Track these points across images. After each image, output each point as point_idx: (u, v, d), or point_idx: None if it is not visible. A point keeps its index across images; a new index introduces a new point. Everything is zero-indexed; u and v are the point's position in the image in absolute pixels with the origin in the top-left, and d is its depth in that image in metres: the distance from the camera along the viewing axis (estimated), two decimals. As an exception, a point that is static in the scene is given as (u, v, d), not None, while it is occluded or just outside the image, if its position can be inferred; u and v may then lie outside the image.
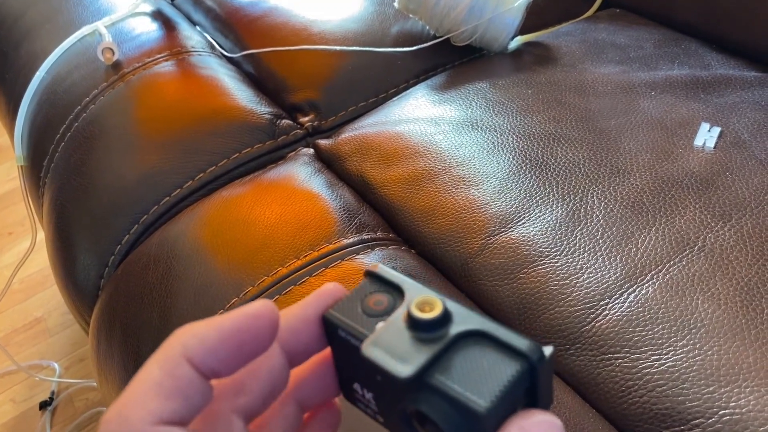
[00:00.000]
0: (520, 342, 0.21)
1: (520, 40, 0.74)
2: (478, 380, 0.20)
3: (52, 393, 1.09)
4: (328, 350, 0.25)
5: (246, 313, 0.22)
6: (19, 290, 1.25)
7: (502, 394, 0.20)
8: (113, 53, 0.74)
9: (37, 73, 0.78)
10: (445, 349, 0.21)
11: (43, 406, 1.08)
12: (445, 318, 0.22)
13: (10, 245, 1.36)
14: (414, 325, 0.22)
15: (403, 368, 0.21)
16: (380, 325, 0.22)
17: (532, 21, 0.74)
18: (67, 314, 1.23)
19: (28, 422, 1.07)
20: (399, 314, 0.22)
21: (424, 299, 0.22)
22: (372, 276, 0.24)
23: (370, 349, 0.21)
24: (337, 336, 0.23)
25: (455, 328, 0.22)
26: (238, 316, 0.22)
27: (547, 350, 0.21)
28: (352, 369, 0.24)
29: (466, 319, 0.22)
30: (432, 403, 0.20)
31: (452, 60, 0.74)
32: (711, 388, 0.40)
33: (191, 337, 0.21)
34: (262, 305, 0.22)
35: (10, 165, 1.55)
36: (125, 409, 0.20)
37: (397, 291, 0.24)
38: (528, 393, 0.21)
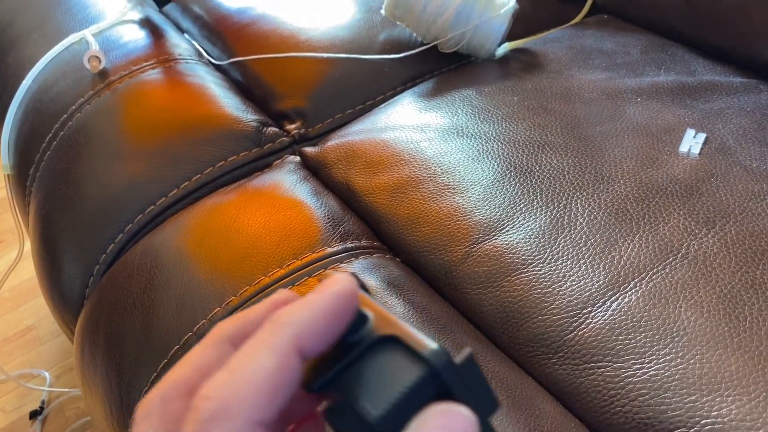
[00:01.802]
0: (424, 348, 0.20)
1: (507, 46, 0.74)
2: (379, 389, 0.20)
3: (43, 402, 1.09)
4: None
5: (339, 293, 0.21)
6: (9, 299, 1.24)
7: (397, 402, 0.20)
8: (100, 61, 0.74)
9: (24, 81, 0.78)
10: (359, 356, 0.21)
11: (34, 415, 1.07)
12: (360, 323, 0.22)
13: (0, 253, 1.35)
14: None
15: (312, 381, 0.21)
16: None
17: (519, 27, 0.75)
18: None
19: (18, 431, 1.06)
20: None
21: None
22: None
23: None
24: None
25: (373, 333, 0.22)
26: (334, 296, 0.21)
27: (462, 354, 0.21)
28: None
29: (382, 324, 0.22)
30: (337, 411, 0.21)
31: (439, 67, 0.74)
32: (693, 397, 0.40)
33: (303, 325, 0.20)
34: (347, 284, 0.22)
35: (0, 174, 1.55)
36: (228, 401, 0.18)
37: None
38: (441, 396, 0.20)
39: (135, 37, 0.80)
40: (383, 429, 0.19)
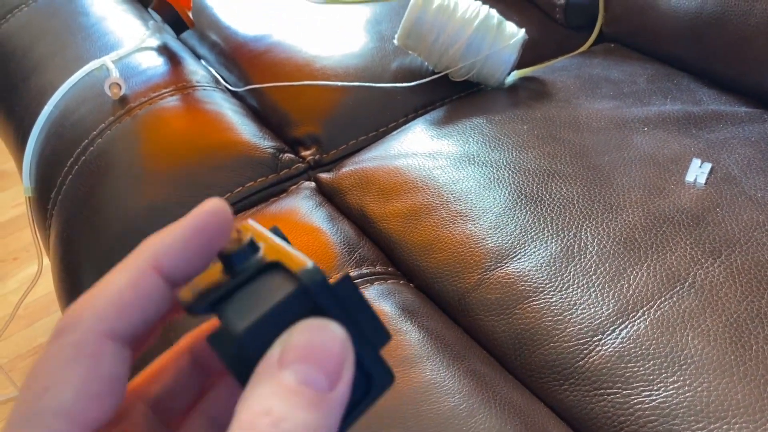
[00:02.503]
0: (299, 266, 0.20)
1: (516, 75, 0.76)
2: (251, 306, 0.20)
3: (55, 419, 1.10)
4: None
5: (204, 211, 0.22)
6: (23, 316, 1.26)
7: (263, 317, 0.19)
8: (120, 88, 0.76)
9: (46, 106, 0.80)
10: (244, 282, 0.21)
11: (46, 432, 1.08)
12: (248, 251, 0.22)
13: (15, 271, 1.37)
14: (225, 260, 0.22)
15: (192, 303, 0.21)
16: (211, 268, 0.23)
17: (528, 55, 0.76)
18: (70, 340, 1.24)
19: (30, 449, 1.07)
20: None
21: (237, 235, 0.22)
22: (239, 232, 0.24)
23: (184, 292, 0.22)
24: None
25: (262, 260, 0.22)
26: (198, 215, 0.22)
27: (337, 275, 0.21)
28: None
29: (272, 251, 0.22)
30: (217, 335, 0.20)
31: (450, 95, 0.76)
32: (701, 424, 0.41)
33: (160, 245, 0.21)
34: (215, 202, 0.22)
35: (15, 191, 1.57)
36: (79, 314, 0.19)
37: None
38: (312, 315, 0.20)
39: (153, 63, 0.82)
40: (248, 343, 0.19)
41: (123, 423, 0.22)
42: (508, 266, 0.53)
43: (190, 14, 0.83)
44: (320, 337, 0.19)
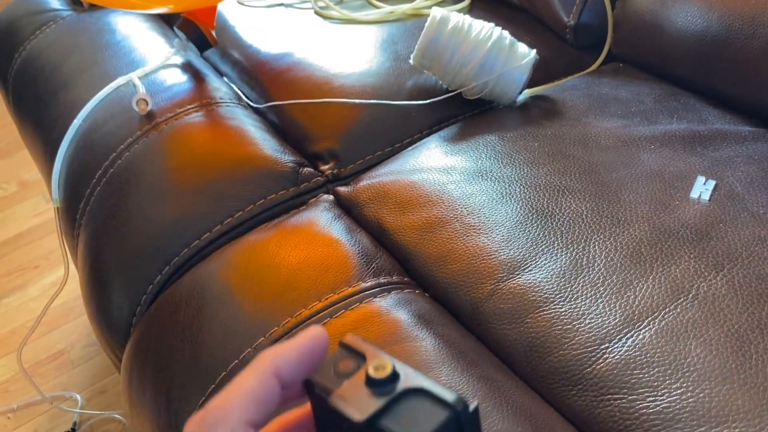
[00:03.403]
0: (449, 396, 0.27)
1: (527, 93, 0.79)
2: (415, 424, 0.26)
3: (74, 424, 1.13)
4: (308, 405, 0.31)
5: (312, 336, 0.28)
6: (43, 323, 1.29)
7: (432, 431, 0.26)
8: (147, 104, 0.80)
9: (75, 120, 0.84)
10: (393, 401, 0.28)
11: (66, 436, 1.11)
12: (394, 376, 0.28)
13: (36, 278, 1.41)
14: (370, 382, 0.28)
15: (358, 414, 0.27)
16: (345, 383, 0.29)
17: (539, 73, 0.79)
18: (89, 347, 1.27)
19: (50, 452, 1.10)
20: (360, 374, 0.29)
21: (379, 363, 0.29)
22: (344, 346, 0.31)
23: (336, 400, 0.28)
24: (314, 393, 0.30)
25: (402, 385, 0.28)
26: (307, 339, 0.28)
27: (472, 404, 0.27)
28: (326, 420, 0.30)
29: (410, 377, 0.28)
30: None
31: (463, 112, 0.79)
32: (703, 429, 0.44)
33: (281, 357, 0.27)
34: (318, 330, 0.29)
35: (36, 201, 1.61)
36: (225, 407, 0.24)
37: (361, 357, 0.30)
38: None
39: (178, 80, 0.86)
40: None
41: None
42: (519, 277, 0.55)
43: (214, 33, 0.87)
44: None
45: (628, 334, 0.49)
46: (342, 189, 0.72)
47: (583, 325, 0.51)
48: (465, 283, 0.57)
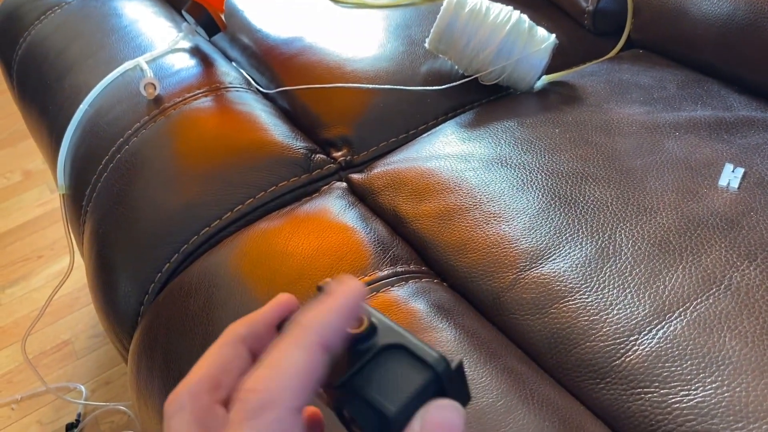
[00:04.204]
0: (430, 355, 0.25)
1: (546, 79, 0.77)
2: (392, 387, 0.25)
3: (79, 415, 1.11)
4: None
5: (352, 292, 0.26)
6: (47, 313, 1.28)
7: (408, 399, 0.24)
8: (155, 88, 0.78)
9: (82, 104, 0.82)
10: (371, 359, 0.26)
11: (70, 428, 1.10)
12: (371, 332, 0.26)
13: (39, 269, 1.39)
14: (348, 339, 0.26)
15: (339, 380, 0.25)
16: None
17: (556, 60, 0.77)
18: (93, 337, 1.25)
19: (54, 444, 1.09)
20: None
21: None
22: (322, 290, 0.29)
23: None
24: None
25: (381, 340, 0.26)
26: (348, 295, 0.26)
27: (454, 362, 0.25)
28: None
29: (389, 333, 0.26)
30: (355, 405, 0.25)
31: (480, 98, 0.77)
32: (740, 424, 0.42)
33: (327, 325, 0.24)
34: (356, 284, 0.26)
35: (40, 190, 1.59)
36: (272, 390, 0.22)
37: None
38: (438, 396, 0.25)
39: (186, 65, 0.84)
40: (397, 419, 0.24)
41: None
42: (542, 267, 0.53)
43: (223, 17, 0.85)
44: (449, 416, 0.24)
45: (659, 326, 0.47)
46: (355, 176, 0.70)
47: (610, 315, 0.49)
48: (485, 272, 0.55)
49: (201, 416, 0.24)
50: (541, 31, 0.74)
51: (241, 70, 0.86)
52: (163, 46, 0.86)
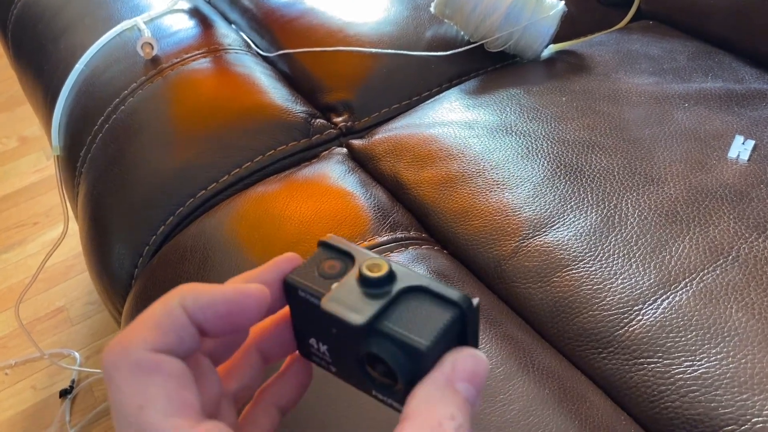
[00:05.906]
0: (453, 293, 0.25)
1: (553, 48, 0.75)
2: (420, 324, 0.24)
3: (73, 381, 1.11)
4: (286, 309, 0.28)
5: (240, 290, 0.25)
6: (42, 279, 1.27)
7: (439, 334, 0.24)
8: (152, 48, 0.76)
9: (77, 65, 0.80)
10: (392, 301, 0.25)
11: (63, 394, 1.09)
12: (391, 276, 0.26)
13: (35, 235, 1.38)
14: (365, 283, 0.25)
15: (357, 317, 0.24)
16: (335, 285, 0.26)
17: (564, 30, 0.75)
18: (88, 304, 1.25)
19: (48, 409, 1.08)
20: (351, 275, 0.26)
21: (372, 262, 0.26)
22: (325, 245, 0.28)
23: (329, 304, 0.25)
24: (296, 296, 0.27)
25: (399, 285, 0.25)
26: (234, 289, 0.25)
27: (475, 301, 0.25)
28: (309, 325, 0.27)
29: (408, 276, 0.26)
30: (382, 345, 0.24)
31: (485, 66, 0.75)
32: (744, 396, 0.41)
33: (189, 293, 0.24)
34: (256, 288, 0.25)
35: (36, 157, 1.58)
36: (126, 339, 0.23)
37: (348, 257, 0.27)
38: (459, 335, 0.25)
39: (185, 26, 0.81)
40: (430, 355, 0.24)
41: (219, 417, 0.26)
42: (546, 235, 0.52)
43: (223, -23, 0.83)
44: (479, 366, 0.24)
45: (664, 296, 0.46)
46: (356, 142, 0.68)
47: (615, 285, 0.48)
48: (487, 240, 0.54)
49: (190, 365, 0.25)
50: (550, -2, 0.72)
51: (241, 33, 0.84)
52: (162, 6, 0.84)
